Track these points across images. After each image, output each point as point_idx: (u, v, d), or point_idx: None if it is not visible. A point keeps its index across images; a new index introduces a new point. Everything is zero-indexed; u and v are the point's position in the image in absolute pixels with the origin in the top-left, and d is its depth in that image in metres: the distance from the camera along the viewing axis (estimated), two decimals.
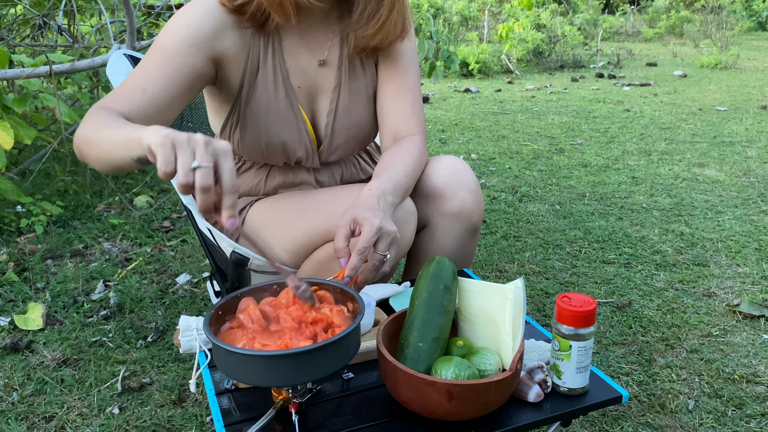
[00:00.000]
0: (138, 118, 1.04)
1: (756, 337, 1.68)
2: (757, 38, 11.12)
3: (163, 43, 1.11)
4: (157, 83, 1.07)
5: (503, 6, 11.04)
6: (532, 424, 0.86)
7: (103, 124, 0.95)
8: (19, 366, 1.56)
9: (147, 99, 1.06)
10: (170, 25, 1.12)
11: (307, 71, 1.24)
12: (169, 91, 1.08)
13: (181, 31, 1.11)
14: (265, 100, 1.21)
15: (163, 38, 1.11)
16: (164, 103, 1.08)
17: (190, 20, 1.12)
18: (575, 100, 5.47)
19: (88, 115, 1.00)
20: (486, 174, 3.25)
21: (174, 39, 1.10)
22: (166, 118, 1.09)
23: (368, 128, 1.31)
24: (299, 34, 1.22)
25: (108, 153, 0.91)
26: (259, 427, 0.82)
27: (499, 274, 2.10)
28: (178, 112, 1.12)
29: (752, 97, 5.35)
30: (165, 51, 1.10)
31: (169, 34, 1.11)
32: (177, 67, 1.09)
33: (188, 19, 1.12)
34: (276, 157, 1.26)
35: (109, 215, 2.57)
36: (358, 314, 0.83)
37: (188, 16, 1.12)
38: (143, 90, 1.06)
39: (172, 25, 1.12)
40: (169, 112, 1.09)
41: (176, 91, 1.09)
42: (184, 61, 1.10)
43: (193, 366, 1.54)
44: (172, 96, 1.09)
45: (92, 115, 1.00)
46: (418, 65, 1.36)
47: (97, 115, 0.99)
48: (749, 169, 3.24)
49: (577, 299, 0.88)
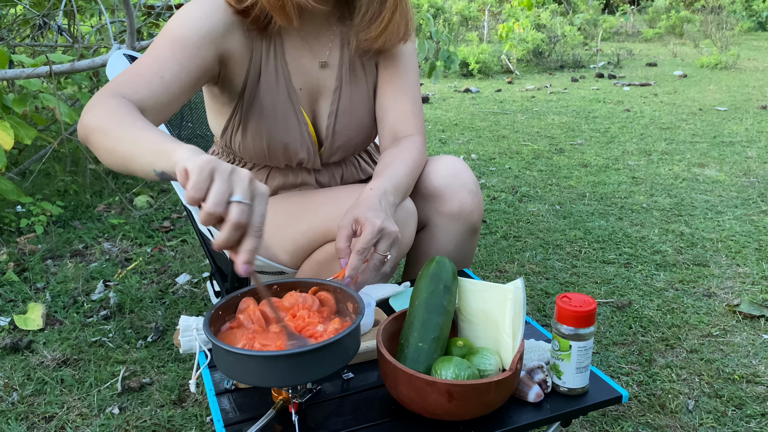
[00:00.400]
0: (153, 106, 1.00)
1: (756, 337, 1.68)
2: (757, 38, 11.12)
3: (176, 32, 1.07)
4: (172, 71, 1.04)
5: (503, 6, 11.04)
6: (532, 424, 0.85)
7: (125, 119, 0.89)
8: (19, 366, 1.56)
9: (164, 87, 1.02)
10: (182, 16, 1.10)
11: (308, 73, 1.24)
12: (182, 82, 1.05)
13: (194, 22, 1.08)
14: (268, 102, 1.21)
15: (175, 27, 1.08)
16: (176, 92, 1.04)
17: (202, 13, 1.10)
18: (575, 100, 5.47)
19: (99, 99, 0.94)
20: (486, 174, 3.25)
21: (187, 29, 1.08)
22: (172, 109, 1.06)
23: (369, 129, 1.31)
24: (301, 36, 1.22)
25: (125, 154, 0.85)
26: (259, 427, 0.82)
27: (499, 274, 2.10)
28: (180, 106, 1.09)
29: (752, 97, 5.35)
30: (179, 40, 1.07)
31: (181, 24, 1.08)
32: (190, 58, 1.06)
33: (200, 12, 1.10)
34: (278, 158, 1.26)
35: (109, 215, 2.57)
36: (358, 314, 0.83)
37: (199, 9, 1.10)
38: (161, 78, 1.02)
39: (183, 16, 1.10)
40: (176, 102, 1.06)
41: (186, 82, 1.06)
42: (197, 53, 1.07)
43: (193, 366, 1.54)
44: (183, 87, 1.06)
45: (107, 101, 0.93)
46: (418, 65, 1.36)
47: (115, 103, 0.92)
48: (749, 169, 3.24)
49: (577, 299, 0.88)
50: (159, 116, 1.03)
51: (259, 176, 1.33)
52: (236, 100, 1.21)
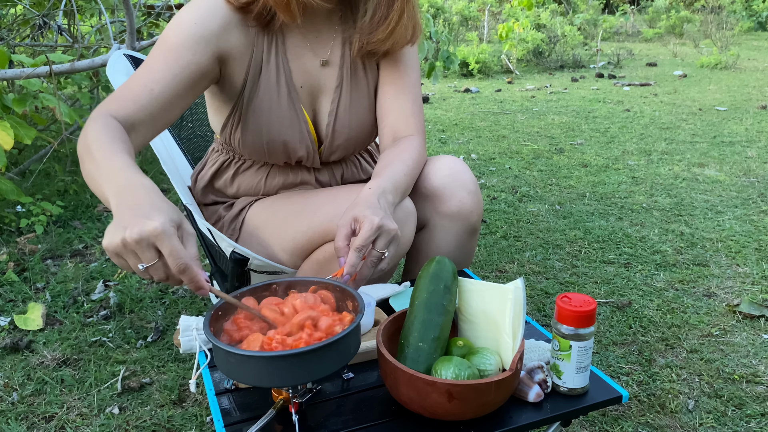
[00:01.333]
0: (143, 119, 1.03)
1: (756, 337, 1.68)
2: (757, 38, 11.12)
3: (170, 40, 1.09)
4: (163, 82, 1.06)
5: (503, 6, 11.04)
6: (532, 424, 0.85)
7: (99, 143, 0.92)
8: (19, 366, 1.56)
9: (153, 99, 1.04)
10: (176, 22, 1.11)
11: (309, 71, 1.24)
12: (175, 90, 1.07)
13: (187, 28, 1.10)
14: (268, 99, 1.21)
15: (168, 35, 1.10)
16: (169, 102, 1.07)
17: (196, 17, 1.11)
18: (575, 100, 5.47)
19: (90, 121, 0.98)
20: (486, 174, 3.25)
21: (180, 36, 1.09)
22: (170, 117, 1.08)
23: (369, 128, 1.31)
24: (302, 34, 1.22)
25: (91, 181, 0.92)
26: (259, 427, 0.82)
27: (499, 274, 2.10)
28: (181, 111, 1.11)
29: (752, 97, 5.35)
30: (172, 48, 1.08)
31: (175, 31, 1.10)
32: (184, 65, 1.08)
33: (194, 16, 1.11)
34: (277, 156, 1.26)
35: (109, 215, 2.57)
36: (358, 313, 0.83)
37: (194, 13, 1.11)
38: (150, 90, 1.04)
39: (178, 22, 1.11)
40: (173, 111, 1.08)
41: (182, 90, 1.08)
42: (191, 59, 1.09)
43: (193, 366, 1.54)
44: (178, 94, 1.08)
45: (96, 121, 0.97)
46: (419, 65, 1.35)
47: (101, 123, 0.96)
48: (749, 169, 3.24)
49: (577, 299, 0.88)
50: (153, 127, 1.06)
51: (259, 174, 1.33)
52: (236, 97, 1.21)
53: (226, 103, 1.24)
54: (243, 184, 1.34)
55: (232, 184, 1.35)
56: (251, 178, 1.34)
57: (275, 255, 1.22)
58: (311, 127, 1.26)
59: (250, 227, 1.28)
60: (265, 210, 1.28)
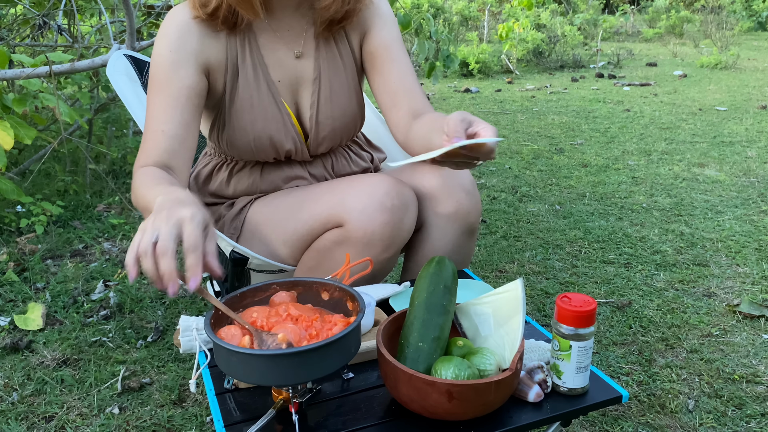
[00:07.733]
0: (171, 157, 1.13)
1: (756, 337, 1.68)
2: (757, 38, 11.12)
3: (156, 78, 1.16)
4: (169, 120, 1.13)
5: (503, 6, 11.04)
6: (532, 424, 0.86)
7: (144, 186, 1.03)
8: (19, 366, 1.56)
9: (169, 138, 1.13)
10: (155, 58, 1.17)
11: (285, 65, 1.26)
12: (182, 119, 1.14)
13: (166, 59, 1.15)
14: (248, 96, 1.23)
15: (154, 73, 1.16)
16: (184, 130, 1.14)
17: (170, 45, 1.16)
18: (575, 100, 5.47)
19: (133, 178, 1.10)
20: (486, 174, 3.25)
21: (163, 69, 1.15)
22: (192, 140, 1.16)
23: (353, 116, 1.33)
24: (273, 29, 1.24)
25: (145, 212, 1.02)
26: (259, 427, 0.82)
27: (499, 274, 2.10)
28: (198, 128, 1.18)
29: (752, 97, 5.35)
30: (161, 85, 1.15)
31: (157, 67, 1.16)
32: (177, 95, 1.14)
33: (167, 44, 1.16)
34: (266, 152, 1.28)
35: (109, 215, 2.57)
36: (359, 312, 0.83)
37: (166, 41, 1.16)
38: (162, 132, 1.13)
39: (156, 56, 1.17)
40: (191, 134, 1.16)
41: (187, 116, 1.15)
42: (181, 85, 1.15)
43: (193, 366, 1.54)
44: (185, 121, 1.15)
45: (136, 174, 1.09)
46: (408, 54, 1.37)
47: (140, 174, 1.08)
48: (749, 169, 3.24)
49: (577, 299, 0.88)
50: (184, 157, 1.15)
51: (253, 173, 1.34)
52: (218, 99, 1.24)
53: (211, 109, 1.28)
54: (239, 185, 1.35)
55: (228, 186, 1.36)
56: (246, 178, 1.34)
57: (276, 251, 1.23)
58: (294, 120, 1.27)
59: (252, 224, 1.28)
60: (267, 206, 1.28)
